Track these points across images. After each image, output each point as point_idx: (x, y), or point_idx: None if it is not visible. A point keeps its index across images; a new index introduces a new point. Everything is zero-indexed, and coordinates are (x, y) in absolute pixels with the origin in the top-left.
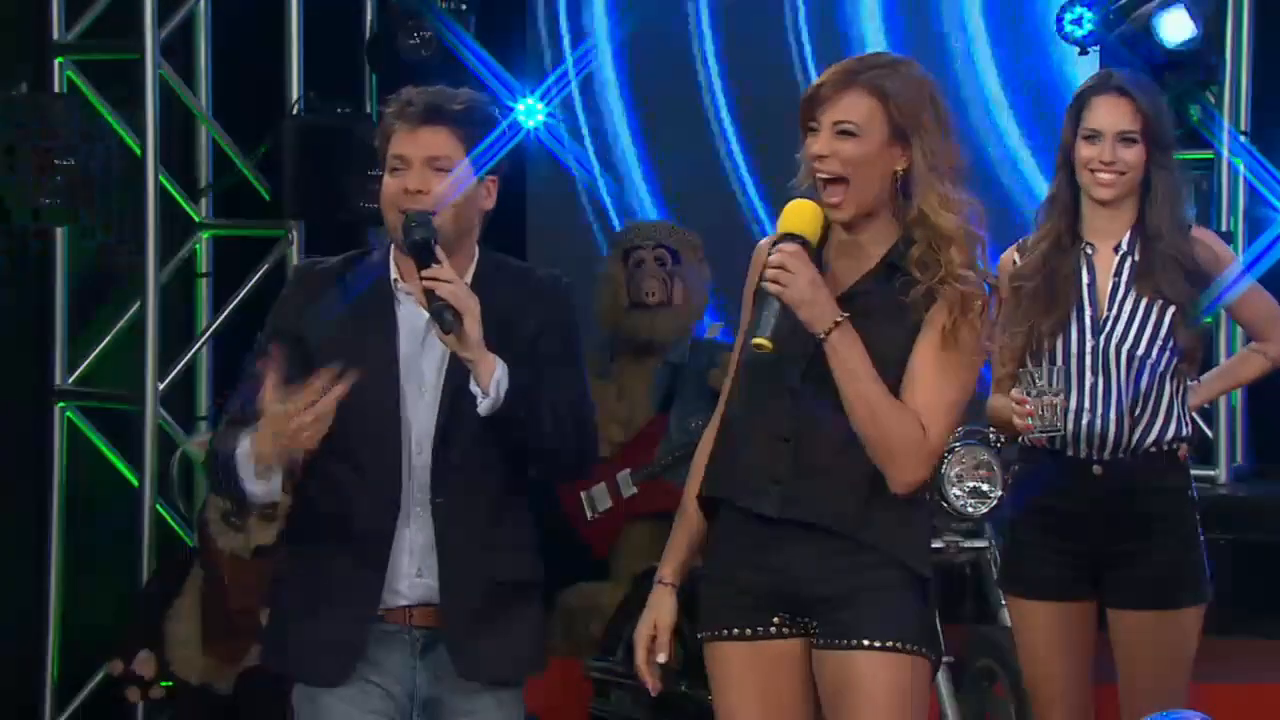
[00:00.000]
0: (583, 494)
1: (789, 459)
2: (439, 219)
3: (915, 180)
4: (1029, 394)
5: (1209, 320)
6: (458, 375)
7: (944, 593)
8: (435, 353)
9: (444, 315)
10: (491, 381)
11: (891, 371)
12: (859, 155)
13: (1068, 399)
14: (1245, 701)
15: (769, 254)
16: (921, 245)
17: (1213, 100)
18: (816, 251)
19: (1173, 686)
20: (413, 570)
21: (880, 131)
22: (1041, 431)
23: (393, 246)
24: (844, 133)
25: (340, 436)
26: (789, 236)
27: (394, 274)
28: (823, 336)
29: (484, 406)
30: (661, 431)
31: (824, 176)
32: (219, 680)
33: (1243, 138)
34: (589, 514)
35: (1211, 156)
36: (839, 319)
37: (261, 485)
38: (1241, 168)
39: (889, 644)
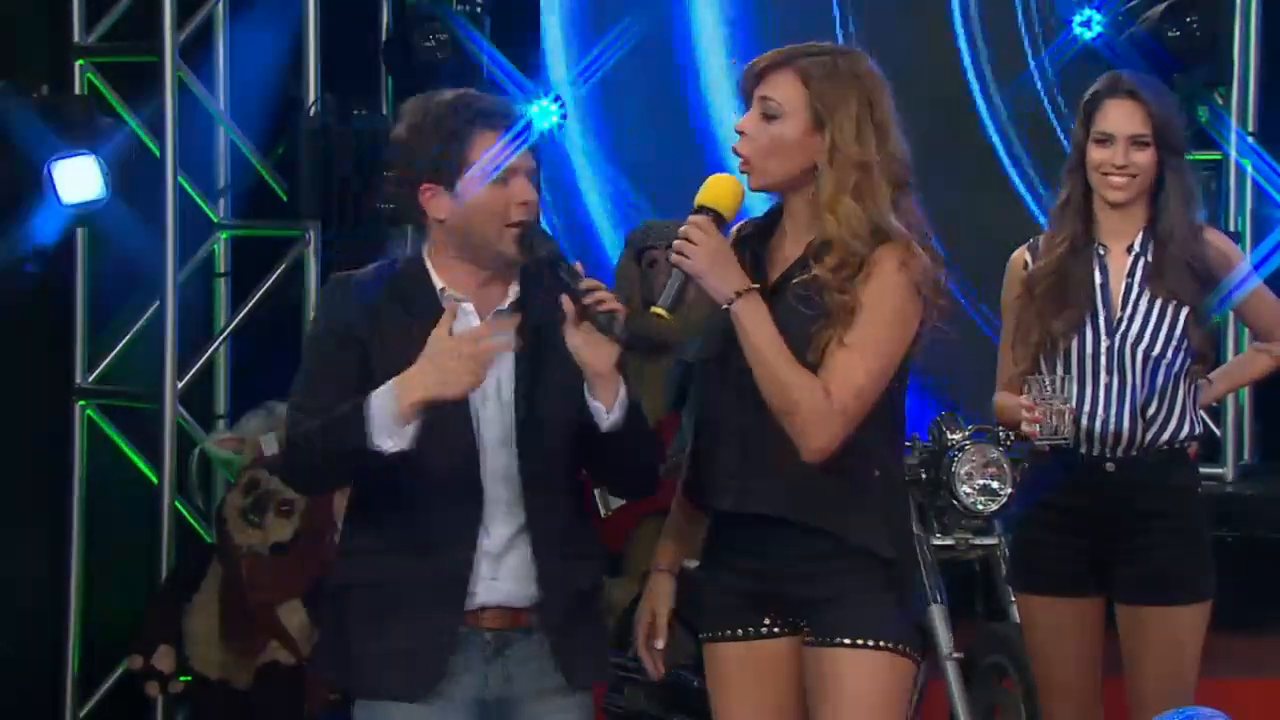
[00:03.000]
0: (596, 491)
1: (739, 453)
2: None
3: (819, 173)
4: (1037, 400)
5: (1218, 320)
6: (526, 380)
7: (954, 590)
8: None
9: (612, 327)
10: (616, 400)
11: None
12: (778, 136)
13: (1080, 404)
14: (1253, 697)
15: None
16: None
17: (1220, 101)
18: (765, 226)
19: (1178, 683)
20: (489, 575)
21: (801, 117)
22: (1045, 439)
23: (426, 254)
24: (767, 113)
25: (413, 448)
26: (700, 209)
27: (439, 283)
28: (725, 307)
29: (607, 423)
30: (674, 429)
31: (735, 151)
32: (237, 675)
33: (1250, 138)
34: (603, 511)
35: (1219, 157)
36: (741, 290)
37: (395, 437)
38: (1249, 168)
39: (866, 642)
